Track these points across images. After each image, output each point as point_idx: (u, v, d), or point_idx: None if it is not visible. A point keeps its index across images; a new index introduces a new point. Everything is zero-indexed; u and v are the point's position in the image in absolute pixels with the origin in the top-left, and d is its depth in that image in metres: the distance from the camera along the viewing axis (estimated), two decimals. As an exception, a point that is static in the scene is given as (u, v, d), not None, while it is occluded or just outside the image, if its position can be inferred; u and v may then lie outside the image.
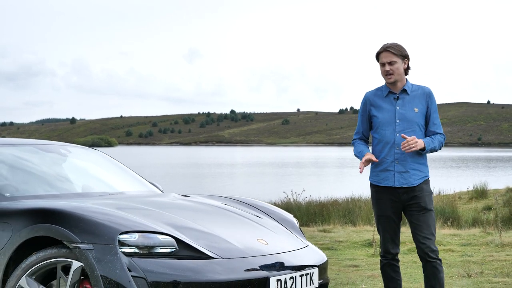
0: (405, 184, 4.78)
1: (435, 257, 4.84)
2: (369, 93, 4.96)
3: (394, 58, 4.78)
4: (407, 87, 4.86)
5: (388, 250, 4.92)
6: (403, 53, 4.82)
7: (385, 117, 4.84)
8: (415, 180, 4.79)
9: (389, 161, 4.80)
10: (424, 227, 4.79)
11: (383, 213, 4.88)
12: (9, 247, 4.05)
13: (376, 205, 4.92)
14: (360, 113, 5.02)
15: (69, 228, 3.86)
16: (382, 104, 4.88)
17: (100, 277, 3.72)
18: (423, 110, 4.86)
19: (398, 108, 4.83)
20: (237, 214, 4.78)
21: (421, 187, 4.80)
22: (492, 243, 10.72)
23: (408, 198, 4.80)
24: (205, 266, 3.88)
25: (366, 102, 4.94)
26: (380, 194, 4.88)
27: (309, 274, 4.29)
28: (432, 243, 4.80)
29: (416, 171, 4.80)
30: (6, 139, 5.36)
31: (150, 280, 3.72)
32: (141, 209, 4.36)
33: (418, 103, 4.85)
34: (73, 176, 5.25)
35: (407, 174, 4.78)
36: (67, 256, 3.89)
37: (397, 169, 4.79)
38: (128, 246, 3.82)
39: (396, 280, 4.97)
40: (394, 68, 4.78)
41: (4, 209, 4.24)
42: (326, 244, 11.15)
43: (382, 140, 4.85)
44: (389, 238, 4.91)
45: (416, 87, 4.90)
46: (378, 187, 4.88)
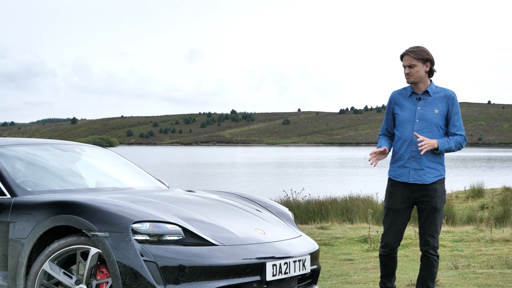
0: (419, 181, 5.03)
1: (434, 253, 5.12)
2: (395, 92, 5.25)
3: (414, 62, 5.05)
4: (429, 89, 5.12)
5: (390, 244, 5.17)
6: (424, 57, 5.07)
7: (405, 116, 5.11)
8: (429, 178, 5.04)
9: (406, 158, 5.07)
10: (431, 226, 5.08)
11: (393, 206, 5.12)
12: (33, 235, 4.52)
13: (389, 198, 5.16)
14: (386, 111, 5.31)
15: (88, 218, 4.34)
16: (405, 103, 5.15)
17: (116, 262, 4.20)
18: (443, 111, 5.09)
19: (419, 108, 5.09)
20: (237, 207, 5.25)
21: (434, 187, 5.06)
22: (483, 239, 11.15)
23: (421, 196, 5.06)
24: (208, 252, 4.36)
25: (391, 100, 5.23)
26: (394, 188, 5.13)
27: (301, 260, 4.76)
28: (435, 241, 5.09)
29: (431, 169, 5.05)
30: (25, 139, 5.85)
31: (159, 264, 4.19)
32: (150, 202, 4.83)
33: (439, 105, 5.10)
34: (87, 173, 5.74)
35: (422, 171, 5.03)
36: (86, 243, 4.36)
37: (412, 166, 5.04)
38: (140, 234, 4.29)
39: (392, 266, 5.26)
40: (414, 71, 5.05)
41: (27, 202, 4.71)
42: (323, 240, 11.58)
43: (401, 137, 5.11)
44: (393, 233, 5.15)
45: (439, 89, 5.16)
46: (394, 182, 5.14)
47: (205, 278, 4.25)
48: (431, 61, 5.10)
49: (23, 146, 5.57)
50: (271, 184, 33.66)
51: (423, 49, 5.09)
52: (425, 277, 5.13)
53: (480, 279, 7.04)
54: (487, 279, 7.06)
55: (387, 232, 5.16)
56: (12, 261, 4.61)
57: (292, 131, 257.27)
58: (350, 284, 6.91)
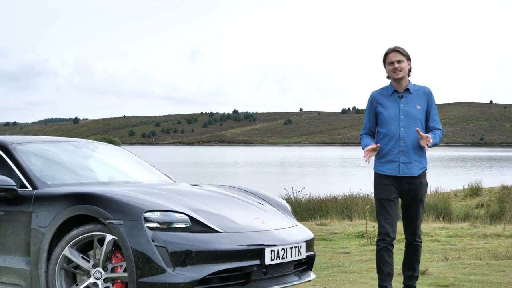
0: (408, 173, 5.30)
1: (418, 240, 5.43)
2: (375, 92, 5.50)
3: (402, 58, 5.35)
4: (410, 87, 5.41)
5: (388, 233, 5.31)
6: (408, 55, 5.40)
7: (390, 114, 5.37)
8: (416, 170, 5.32)
9: (395, 153, 5.32)
10: (416, 216, 5.38)
11: (386, 197, 5.33)
12: (54, 224, 4.98)
13: (379, 191, 5.37)
14: (367, 111, 5.52)
15: (104, 208, 4.80)
16: (387, 102, 5.41)
17: (130, 247, 4.66)
18: (424, 107, 5.39)
19: (402, 106, 5.36)
20: (239, 199, 5.72)
21: (420, 180, 5.34)
22: (476, 235, 11.62)
23: (408, 187, 5.33)
24: (213, 238, 4.82)
25: (372, 100, 5.48)
26: (384, 181, 5.36)
27: (297, 247, 5.23)
28: (418, 229, 5.40)
29: (417, 163, 5.34)
30: (44, 137, 6.33)
31: (169, 249, 4.66)
32: (160, 194, 5.30)
33: (420, 101, 5.39)
34: (100, 168, 6.22)
35: (410, 164, 5.31)
36: (102, 231, 4.82)
37: (401, 160, 5.30)
38: (151, 222, 4.75)
39: (390, 264, 5.38)
40: (402, 66, 5.34)
41: (48, 194, 5.18)
42: (322, 235, 12.04)
43: (387, 134, 5.35)
44: (389, 221, 5.31)
45: (417, 87, 5.45)
46: (383, 176, 5.38)
47: (210, 261, 4.72)
48: (411, 60, 5.43)
49: (42, 144, 6.04)
50: (272, 183, 34.04)
51: (404, 48, 5.42)
52: (412, 261, 5.44)
53: (467, 269, 7.50)
54: (474, 269, 7.51)
55: (384, 223, 5.32)
56: (34, 248, 5.07)
57: (294, 131, 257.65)
58: (345, 274, 7.36)
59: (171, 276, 4.61)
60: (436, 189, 23.00)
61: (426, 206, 16.53)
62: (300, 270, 5.46)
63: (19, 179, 5.41)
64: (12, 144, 5.72)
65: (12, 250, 5.23)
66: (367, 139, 5.47)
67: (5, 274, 5.24)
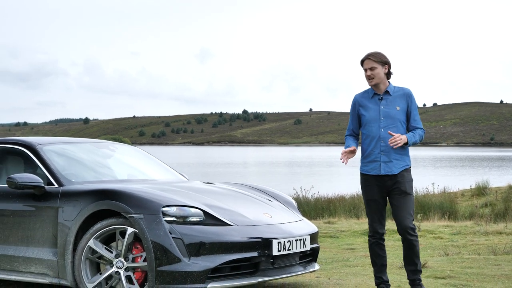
0: (389, 172, 5.49)
1: (413, 234, 5.51)
2: (358, 95, 5.70)
3: (375, 65, 5.51)
4: (389, 89, 5.57)
5: (376, 230, 5.60)
6: (383, 60, 5.53)
7: (371, 115, 5.56)
8: (397, 168, 5.50)
9: (376, 152, 5.52)
10: (404, 209, 5.49)
11: (371, 197, 5.57)
12: (79, 218, 5.45)
13: (365, 191, 5.61)
14: (351, 113, 5.74)
15: (125, 203, 5.26)
16: (369, 104, 5.60)
17: (149, 239, 5.11)
18: (404, 108, 5.56)
19: (382, 107, 5.54)
20: (248, 196, 6.18)
21: (402, 174, 5.50)
22: (478, 232, 11.97)
23: (392, 184, 5.50)
24: (224, 231, 5.28)
25: (355, 103, 5.69)
26: (368, 181, 5.58)
27: (302, 239, 5.68)
28: (410, 222, 5.49)
29: (398, 161, 5.51)
30: (68, 138, 6.82)
31: (185, 240, 5.11)
32: (176, 190, 5.76)
33: (399, 102, 5.56)
34: (120, 167, 6.70)
35: (391, 163, 5.49)
36: (124, 224, 5.29)
37: (382, 160, 5.50)
38: (169, 216, 5.20)
39: (382, 256, 5.65)
40: (375, 73, 5.51)
41: (73, 191, 5.65)
42: (329, 233, 12.45)
43: (369, 135, 5.56)
44: (376, 219, 5.59)
45: (397, 89, 5.62)
46: (367, 176, 5.58)
47: (222, 252, 5.17)
48: (388, 64, 5.58)
49: (65, 144, 6.52)
50: (281, 183, 34.39)
51: (381, 53, 5.57)
52: (410, 256, 5.56)
53: (465, 263, 7.89)
54: (472, 263, 7.90)
55: (372, 221, 5.61)
56: (61, 240, 5.54)
57: (303, 131, 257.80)
58: (348, 267, 7.78)
59: (187, 265, 5.06)
60: (444, 189, 23.23)
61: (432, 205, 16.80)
62: (305, 261, 5.91)
63: (46, 177, 5.88)
64: (39, 145, 6.19)
65: (40, 242, 5.69)
66: (349, 141, 5.71)
67: (34, 264, 5.71)
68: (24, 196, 5.85)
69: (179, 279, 5.05)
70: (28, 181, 5.70)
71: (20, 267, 5.81)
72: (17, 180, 5.70)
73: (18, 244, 5.83)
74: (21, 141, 6.31)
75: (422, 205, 16.67)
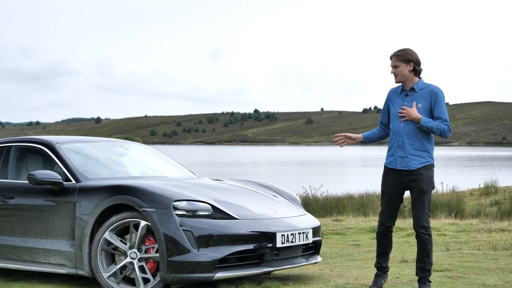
0: (405, 167, 5.64)
1: (424, 232, 5.66)
2: (391, 90, 5.93)
3: (398, 63, 5.71)
4: (416, 86, 5.74)
5: (384, 222, 5.80)
6: (406, 58, 5.69)
7: (395, 110, 5.78)
8: (414, 164, 5.63)
9: (394, 147, 5.71)
10: (419, 207, 5.66)
11: (386, 190, 5.77)
12: (95, 212, 5.81)
13: (383, 183, 5.82)
14: (383, 106, 5.96)
15: (139, 197, 5.63)
16: (397, 99, 5.81)
17: (161, 231, 5.47)
18: (427, 106, 5.69)
19: (406, 104, 5.73)
20: (254, 192, 6.53)
21: (420, 172, 5.63)
22: (482, 230, 12.23)
23: (409, 180, 5.64)
24: (231, 224, 5.64)
25: (387, 97, 5.93)
26: (386, 174, 5.78)
27: (305, 232, 6.02)
28: (424, 220, 5.64)
29: (416, 157, 5.64)
30: (84, 137, 7.21)
31: (194, 233, 5.47)
32: (186, 186, 6.12)
33: (423, 100, 5.70)
34: (133, 164, 7.08)
35: (406, 159, 5.64)
36: (137, 217, 5.65)
37: (399, 154, 5.68)
38: (179, 210, 5.57)
39: (385, 245, 5.87)
40: (398, 71, 5.72)
41: (90, 186, 6.02)
42: (336, 230, 12.74)
43: (392, 129, 5.77)
44: (387, 212, 5.77)
45: (425, 86, 5.75)
46: (387, 168, 5.79)
47: (229, 243, 5.53)
48: (414, 61, 5.71)
49: (82, 143, 6.91)
50: (291, 182, 34.63)
51: (407, 51, 5.73)
52: (421, 254, 5.74)
53: (464, 258, 8.19)
54: (470, 257, 8.20)
55: (382, 212, 5.81)
56: (78, 233, 5.91)
57: (315, 130, 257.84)
58: (352, 261, 8.10)
59: (196, 256, 5.42)
60: (453, 188, 23.40)
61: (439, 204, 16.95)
62: (308, 253, 6.25)
63: (64, 173, 6.26)
64: (57, 143, 6.58)
65: (59, 235, 6.07)
66: (368, 132, 6.06)
67: (53, 255, 6.09)
68: (44, 192, 6.23)
69: (189, 269, 5.41)
70: (47, 178, 6.08)
71: (40, 258, 6.19)
72: (37, 177, 6.08)
73: (38, 236, 6.21)
74: (40, 140, 6.70)
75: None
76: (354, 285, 5.99)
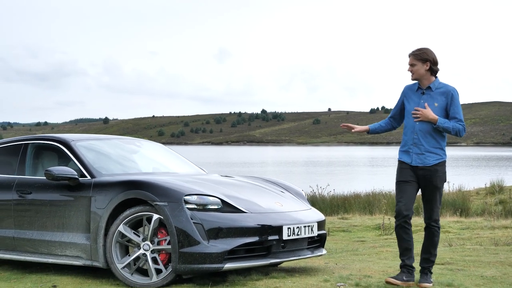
0: (421, 164, 5.79)
1: (435, 224, 5.88)
2: (407, 86, 6.06)
3: (415, 62, 5.87)
4: (432, 85, 5.87)
5: (401, 211, 5.80)
6: (423, 58, 5.85)
7: (411, 107, 5.91)
8: (430, 161, 5.80)
9: (409, 144, 5.85)
10: (432, 201, 5.84)
11: (403, 179, 5.85)
12: (110, 206, 6.09)
13: (399, 174, 5.91)
14: (398, 100, 6.10)
15: (151, 192, 5.90)
16: (412, 96, 5.95)
17: (173, 224, 5.74)
18: (442, 105, 5.83)
19: (422, 102, 5.85)
20: (262, 187, 6.79)
21: (435, 168, 5.80)
22: (486, 227, 12.45)
23: (423, 176, 5.80)
24: (240, 217, 5.90)
25: (403, 93, 6.05)
26: (402, 166, 5.91)
27: (310, 226, 6.28)
28: (435, 213, 5.84)
29: (432, 154, 5.81)
30: (98, 135, 7.50)
31: (205, 226, 5.74)
32: (196, 182, 6.39)
33: (439, 99, 5.84)
34: (145, 161, 7.37)
35: (422, 156, 5.79)
36: (150, 211, 5.92)
37: (414, 151, 5.83)
38: (190, 204, 5.83)
39: (406, 240, 5.87)
40: (414, 69, 5.87)
41: (104, 182, 6.30)
42: (342, 227, 13.01)
43: (407, 126, 5.91)
44: (403, 201, 5.80)
45: (442, 85, 5.90)
46: (402, 162, 5.93)
47: (237, 235, 5.80)
48: (430, 61, 5.86)
49: (96, 141, 7.19)
50: (298, 181, 34.87)
51: (424, 51, 5.89)
52: (428, 245, 5.90)
53: (465, 252, 8.42)
54: (471, 252, 8.44)
55: (399, 202, 5.84)
56: (94, 226, 6.19)
57: (322, 130, 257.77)
58: (356, 256, 8.35)
59: (206, 247, 5.68)
60: (459, 188, 23.53)
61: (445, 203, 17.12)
62: (313, 246, 6.51)
63: (79, 170, 6.54)
64: (72, 141, 6.87)
65: (75, 228, 6.35)
66: (379, 122, 6.21)
67: (69, 248, 6.37)
68: (60, 187, 6.51)
69: (199, 260, 5.68)
70: (64, 173, 6.36)
71: (56, 251, 6.47)
72: (54, 173, 6.36)
73: (55, 230, 6.49)
74: (56, 138, 6.99)
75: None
76: (357, 276, 6.23)
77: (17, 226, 6.79)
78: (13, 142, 7.33)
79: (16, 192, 6.83)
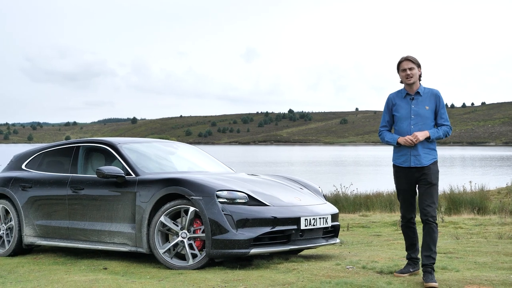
0: (418, 164, 6.08)
1: (432, 221, 6.05)
2: (391, 95, 6.29)
3: (413, 66, 6.13)
4: (420, 90, 6.15)
5: (405, 215, 6.27)
6: (417, 62, 6.15)
7: (403, 114, 6.15)
8: (426, 161, 6.09)
9: (406, 148, 6.12)
10: (428, 197, 6.05)
11: (401, 187, 6.21)
12: (152, 200, 7.08)
13: (396, 181, 6.24)
14: (385, 110, 6.32)
15: (188, 188, 6.88)
16: (401, 103, 6.18)
17: (206, 215, 6.72)
18: (432, 107, 6.12)
19: (413, 107, 6.11)
20: (283, 184, 7.76)
21: (429, 167, 6.09)
22: (497, 223, 13.08)
23: (419, 175, 6.09)
24: (263, 209, 6.86)
25: (389, 101, 6.27)
26: (399, 173, 6.19)
27: (325, 217, 7.23)
28: (432, 210, 6.02)
29: (427, 154, 6.10)
30: (140, 139, 8.54)
31: (234, 217, 6.70)
32: (226, 179, 7.36)
33: (429, 102, 6.12)
34: (181, 162, 8.38)
35: (419, 156, 6.08)
36: (187, 204, 6.90)
37: (412, 153, 6.10)
38: (221, 198, 6.80)
39: (410, 237, 6.28)
40: (413, 73, 6.12)
41: (147, 179, 7.30)
42: (361, 223, 13.76)
43: (400, 131, 6.15)
44: (405, 206, 6.24)
45: (427, 90, 6.18)
46: (398, 167, 6.19)
47: (261, 225, 6.75)
48: (420, 67, 6.19)
49: (138, 143, 8.23)
50: (324, 180, 35.41)
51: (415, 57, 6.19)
52: (428, 242, 6.09)
53: (469, 244, 9.18)
54: (475, 244, 9.18)
55: (401, 207, 6.30)
56: (138, 217, 7.19)
57: (349, 130, 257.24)
58: (369, 246, 9.23)
59: (235, 235, 6.65)
60: (481, 187, 23.94)
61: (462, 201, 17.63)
62: (328, 236, 7.45)
63: (125, 169, 7.55)
64: (119, 144, 7.91)
65: (122, 219, 7.36)
66: (390, 134, 6.26)
67: (117, 236, 7.39)
68: (109, 184, 7.53)
69: (229, 246, 6.64)
70: (113, 172, 7.38)
71: (106, 239, 7.50)
72: (104, 171, 7.39)
73: (104, 221, 7.51)
74: (104, 141, 8.04)
75: (453, 201, 17.24)
76: (365, 261, 7.13)
77: (71, 217, 7.83)
78: (66, 144, 8.41)
79: (70, 188, 7.87)
